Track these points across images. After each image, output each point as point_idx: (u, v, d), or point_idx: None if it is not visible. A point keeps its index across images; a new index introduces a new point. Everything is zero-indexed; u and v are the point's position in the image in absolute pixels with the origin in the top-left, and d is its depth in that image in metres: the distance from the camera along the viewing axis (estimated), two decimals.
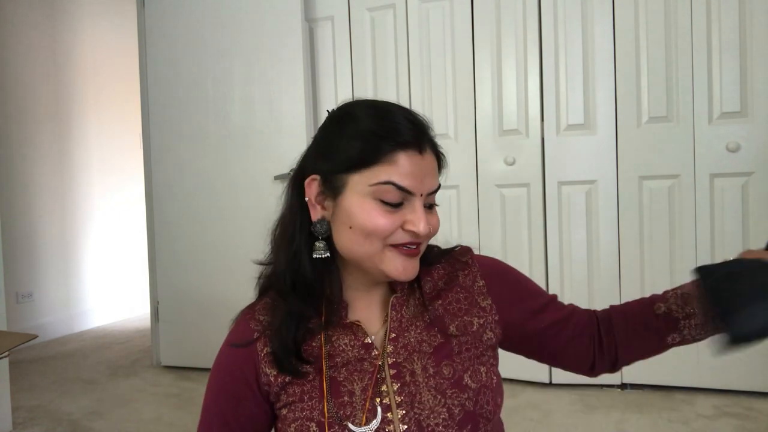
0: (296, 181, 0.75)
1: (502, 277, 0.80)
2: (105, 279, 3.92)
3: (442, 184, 0.74)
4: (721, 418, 1.93)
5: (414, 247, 0.69)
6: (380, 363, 0.70)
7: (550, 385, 2.30)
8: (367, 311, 0.75)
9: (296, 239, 0.73)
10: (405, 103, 2.49)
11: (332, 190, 0.69)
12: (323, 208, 0.71)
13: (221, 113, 2.68)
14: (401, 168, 0.66)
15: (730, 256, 0.74)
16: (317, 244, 0.71)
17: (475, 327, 0.74)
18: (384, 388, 0.69)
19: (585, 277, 2.27)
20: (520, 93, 2.35)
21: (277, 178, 2.51)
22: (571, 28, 2.27)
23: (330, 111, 0.75)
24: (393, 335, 0.72)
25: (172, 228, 2.79)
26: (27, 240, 3.38)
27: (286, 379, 0.70)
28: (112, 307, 3.97)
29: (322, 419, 0.67)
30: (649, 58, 2.17)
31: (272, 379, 0.71)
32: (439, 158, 0.73)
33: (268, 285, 0.77)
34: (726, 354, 0.72)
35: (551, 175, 2.31)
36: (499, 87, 2.38)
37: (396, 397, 0.68)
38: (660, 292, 0.84)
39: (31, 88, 3.46)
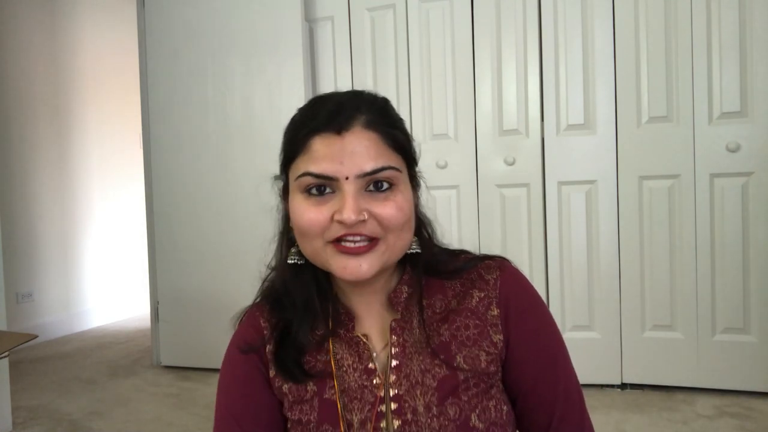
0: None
1: (522, 315, 0.67)
2: (105, 279, 3.92)
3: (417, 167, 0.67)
4: (721, 418, 1.93)
5: (357, 242, 0.60)
6: (381, 394, 0.65)
7: None
8: (374, 322, 0.69)
9: (281, 247, 0.72)
10: (405, 104, 2.50)
11: (284, 191, 0.69)
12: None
13: (221, 113, 2.68)
14: (316, 153, 0.60)
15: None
16: (292, 249, 0.69)
17: (483, 364, 0.65)
18: (383, 424, 0.64)
19: (585, 277, 2.27)
20: (520, 93, 2.35)
21: (277, 178, 2.50)
22: (571, 28, 2.27)
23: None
24: (395, 362, 0.66)
25: (172, 228, 2.79)
26: (27, 240, 3.38)
27: (283, 388, 0.68)
28: (112, 307, 3.97)
29: None
30: (649, 58, 2.17)
31: (278, 386, 0.68)
32: (392, 136, 0.63)
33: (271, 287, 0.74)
34: None
35: (551, 175, 2.31)
36: (499, 87, 2.38)
37: None
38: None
39: (31, 88, 3.46)
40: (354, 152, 0.60)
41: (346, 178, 0.59)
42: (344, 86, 2.60)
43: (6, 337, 1.59)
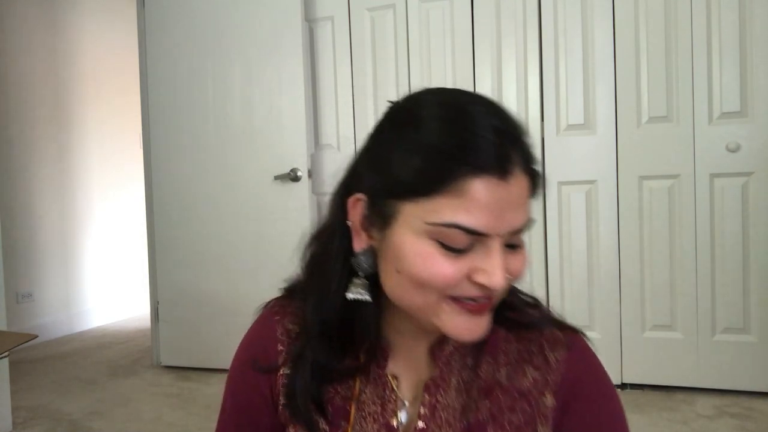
0: (340, 195, 0.58)
1: (585, 414, 0.57)
2: (105, 279, 3.92)
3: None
4: (721, 418, 1.93)
5: (483, 302, 0.51)
6: None
7: None
8: (409, 363, 0.60)
9: (331, 270, 0.57)
10: None
11: (380, 217, 0.52)
12: (369, 236, 0.54)
13: (221, 113, 2.68)
14: (473, 202, 0.47)
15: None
16: (356, 280, 0.55)
17: None
18: None
19: (585, 277, 2.27)
20: (520, 93, 2.35)
21: (277, 178, 2.51)
22: (571, 28, 2.27)
23: (391, 103, 0.56)
24: (422, 425, 0.57)
25: (172, 228, 2.79)
26: (27, 240, 3.38)
27: (297, 429, 0.60)
28: (112, 307, 3.97)
29: None
30: (649, 58, 2.17)
31: (281, 408, 0.61)
32: (533, 178, 0.51)
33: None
34: None
35: (551, 175, 2.31)
36: (499, 87, 2.38)
37: None
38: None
39: (31, 88, 3.46)
40: (512, 205, 0.48)
41: (500, 236, 0.49)
42: (344, 86, 2.61)
43: (6, 337, 1.59)
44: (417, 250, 0.49)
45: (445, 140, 0.48)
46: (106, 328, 3.76)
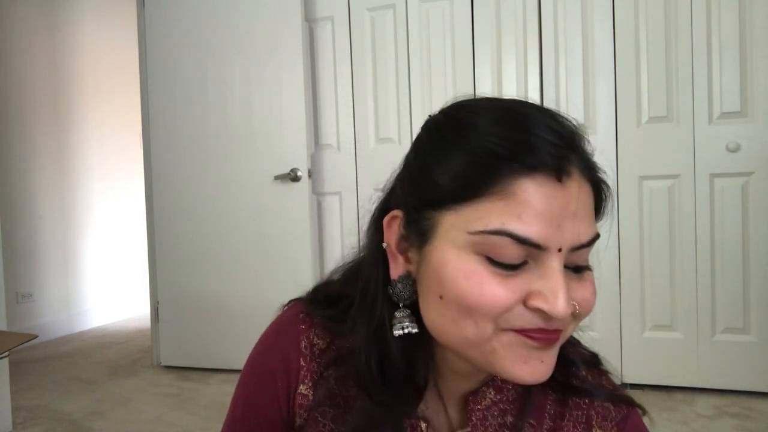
0: (377, 217, 0.52)
1: None
2: (105, 279, 3.92)
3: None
4: (721, 418, 1.93)
5: (552, 331, 0.43)
6: None
7: None
8: (440, 407, 0.53)
9: (378, 305, 0.49)
10: (405, 104, 2.49)
11: (418, 234, 0.45)
12: (407, 260, 0.48)
13: (221, 113, 2.68)
14: (525, 206, 0.40)
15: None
16: (397, 314, 0.48)
17: None
18: None
19: None
20: (520, 93, 2.35)
21: (277, 178, 2.51)
22: (571, 28, 2.27)
23: (430, 116, 0.50)
24: None
25: (172, 228, 2.79)
26: (27, 240, 3.38)
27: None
28: (112, 307, 3.97)
29: None
30: (649, 58, 2.17)
31: (297, 427, 0.55)
32: (598, 189, 0.46)
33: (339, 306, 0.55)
34: None
35: None
36: (499, 87, 2.38)
37: None
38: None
39: (31, 88, 3.46)
40: (575, 213, 0.42)
41: (559, 250, 0.41)
42: (344, 86, 2.61)
43: (6, 337, 1.59)
44: (460, 268, 0.42)
45: (492, 139, 0.42)
46: (106, 328, 3.76)
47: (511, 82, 2.36)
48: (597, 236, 0.45)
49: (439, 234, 0.43)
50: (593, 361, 0.54)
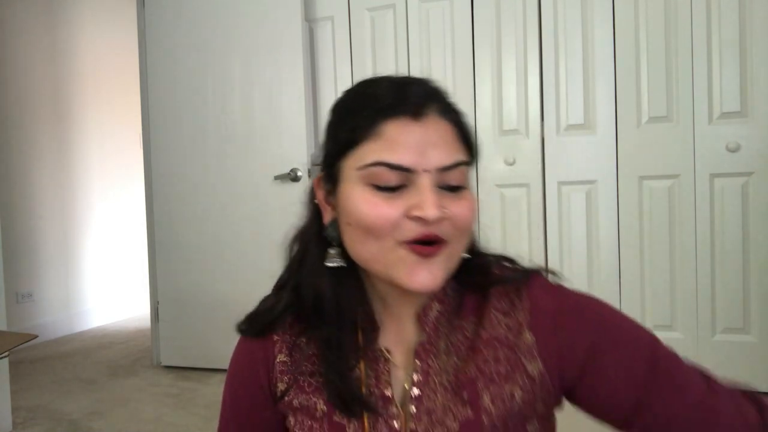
0: (311, 185, 0.65)
1: (565, 325, 0.57)
2: (105, 279, 3.92)
3: (469, 163, 0.58)
4: None
5: (431, 244, 0.53)
6: (397, 426, 0.58)
7: None
8: (399, 336, 0.61)
9: (310, 249, 0.62)
10: None
11: (332, 182, 0.59)
12: (333, 207, 0.60)
13: (221, 113, 2.68)
14: (391, 141, 0.53)
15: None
16: (330, 251, 0.60)
17: (517, 401, 0.56)
18: None
19: (585, 277, 2.27)
20: (520, 93, 2.35)
21: (277, 178, 2.51)
22: (571, 28, 2.27)
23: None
24: (417, 392, 0.58)
25: (172, 228, 2.79)
26: (27, 240, 3.38)
27: (294, 402, 0.62)
28: (112, 307, 3.97)
29: None
30: (649, 58, 2.17)
31: (280, 394, 0.63)
32: (461, 127, 0.57)
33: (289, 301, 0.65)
34: None
35: (551, 175, 2.31)
36: (499, 87, 2.38)
37: None
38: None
39: (31, 88, 3.46)
40: (434, 143, 0.54)
41: (426, 171, 0.53)
42: (344, 86, 2.59)
43: (6, 337, 1.59)
44: (357, 197, 0.54)
45: (359, 97, 0.57)
46: (106, 328, 3.76)
47: (511, 82, 2.36)
48: (462, 162, 0.55)
49: (343, 177, 0.56)
50: (504, 258, 0.65)
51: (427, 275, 0.53)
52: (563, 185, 2.30)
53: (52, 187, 3.57)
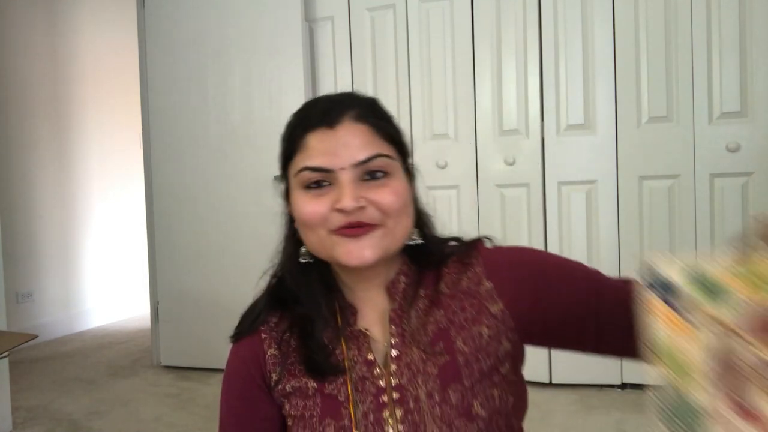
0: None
1: (516, 272, 0.67)
2: (105, 279, 3.92)
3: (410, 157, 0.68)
4: None
5: (358, 227, 0.62)
6: (383, 384, 0.65)
7: (550, 384, 2.30)
8: (375, 316, 0.70)
9: (286, 248, 0.74)
10: (405, 104, 2.50)
11: (286, 191, 0.71)
12: (291, 212, 0.71)
13: (221, 113, 2.68)
14: (312, 150, 0.64)
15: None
16: (301, 249, 0.70)
17: (485, 338, 0.65)
18: (386, 414, 0.64)
19: None
20: (520, 93, 2.35)
21: (276, 178, 2.50)
22: (571, 28, 2.27)
23: None
24: (395, 352, 0.66)
25: (172, 228, 2.79)
26: (27, 240, 3.39)
27: (287, 388, 0.68)
28: (112, 307, 3.97)
29: None
30: (649, 58, 2.17)
31: (274, 384, 0.69)
32: (380, 127, 0.66)
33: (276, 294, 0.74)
34: None
35: (551, 175, 2.31)
36: (499, 87, 2.38)
37: (399, 425, 0.63)
38: None
39: (31, 88, 3.46)
40: (347, 143, 0.63)
41: (342, 169, 0.62)
42: (344, 86, 2.61)
43: (6, 337, 1.59)
44: (296, 199, 0.66)
45: (295, 117, 0.69)
46: (106, 328, 3.76)
47: (511, 82, 2.36)
48: (380, 154, 0.63)
49: (290, 185, 0.68)
50: (453, 238, 0.74)
51: (360, 251, 0.62)
52: (563, 185, 2.30)
53: (52, 187, 3.57)
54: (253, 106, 2.63)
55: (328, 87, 2.64)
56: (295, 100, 2.55)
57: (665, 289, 0.38)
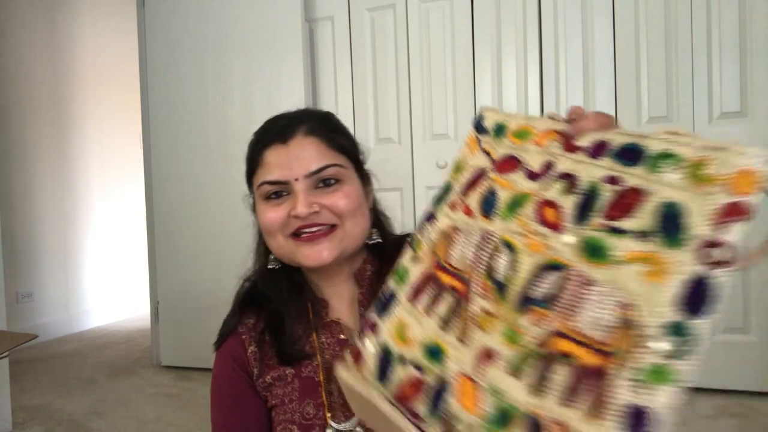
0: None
1: None
2: (105, 279, 3.92)
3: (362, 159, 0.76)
4: (721, 418, 1.93)
5: (315, 230, 0.69)
6: None
7: None
8: (345, 308, 0.77)
9: (258, 256, 0.81)
10: (405, 103, 2.50)
11: (252, 203, 0.77)
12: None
13: (221, 113, 2.68)
14: (269, 165, 0.70)
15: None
16: (270, 256, 0.77)
17: None
18: None
19: None
20: (520, 93, 2.35)
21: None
22: (571, 28, 2.27)
23: None
24: None
25: (172, 228, 2.79)
26: (27, 240, 3.38)
27: (267, 379, 0.73)
28: (112, 307, 3.97)
29: (303, 421, 0.70)
30: (649, 58, 2.17)
31: (256, 378, 0.73)
32: (333, 140, 0.72)
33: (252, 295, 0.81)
34: None
35: None
36: (499, 87, 2.38)
37: None
38: None
39: (31, 88, 3.46)
40: (299, 156, 0.69)
41: (296, 180, 0.69)
42: (344, 86, 2.61)
43: (6, 337, 1.59)
44: (259, 210, 0.73)
45: (255, 136, 0.76)
46: (106, 328, 3.76)
47: (511, 82, 2.36)
48: (331, 164, 0.70)
49: (255, 197, 0.75)
50: (405, 235, 0.79)
51: (318, 253, 0.69)
52: None
53: (52, 187, 3.57)
54: (252, 105, 2.63)
55: (328, 87, 2.64)
56: (295, 100, 2.53)
57: (479, 129, 0.54)
